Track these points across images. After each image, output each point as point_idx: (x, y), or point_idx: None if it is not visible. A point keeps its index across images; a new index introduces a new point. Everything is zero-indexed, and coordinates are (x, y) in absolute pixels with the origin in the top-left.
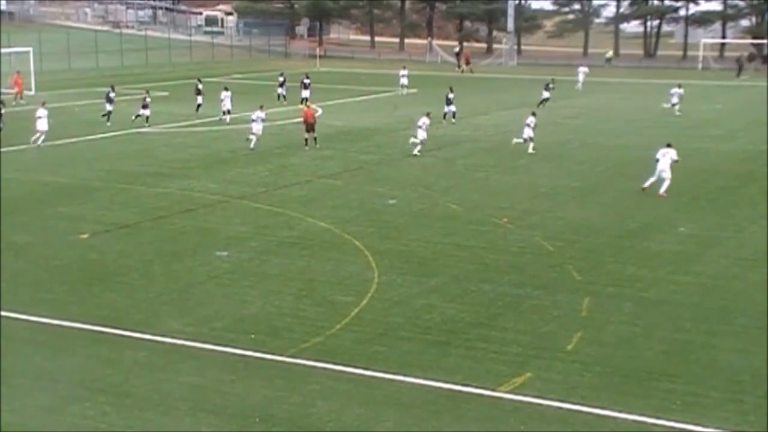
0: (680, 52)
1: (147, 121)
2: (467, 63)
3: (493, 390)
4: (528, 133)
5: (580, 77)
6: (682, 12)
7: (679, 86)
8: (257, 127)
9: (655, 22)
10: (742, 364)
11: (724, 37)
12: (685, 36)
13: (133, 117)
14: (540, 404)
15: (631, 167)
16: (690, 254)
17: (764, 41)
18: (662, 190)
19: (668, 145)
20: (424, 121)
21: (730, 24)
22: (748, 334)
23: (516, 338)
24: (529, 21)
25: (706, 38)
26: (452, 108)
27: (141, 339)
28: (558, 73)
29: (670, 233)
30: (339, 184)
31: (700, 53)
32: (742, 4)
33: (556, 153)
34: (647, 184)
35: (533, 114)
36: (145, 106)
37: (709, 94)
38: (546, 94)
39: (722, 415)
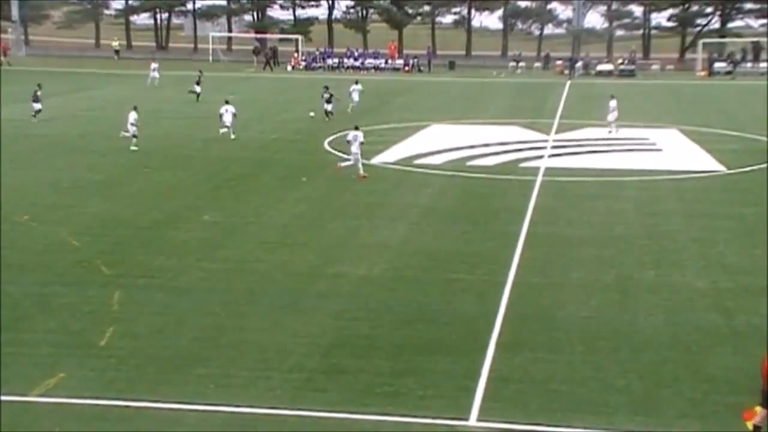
0: (191, 45)
1: None
2: (5, 54)
3: (25, 395)
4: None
5: (155, 74)
6: (190, 6)
7: (356, 82)
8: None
9: (165, 15)
10: (269, 341)
11: (230, 30)
12: (195, 29)
13: None
14: (75, 403)
15: (154, 158)
16: (215, 241)
17: (267, 36)
18: (360, 171)
19: (356, 128)
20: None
21: (234, 18)
22: (273, 312)
23: (46, 339)
24: (35, 10)
25: (214, 32)
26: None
27: None
28: (69, 65)
29: (195, 221)
30: None
31: (210, 46)
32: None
33: (76, 146)
34: (344, 164)
35: (135, 108)
36: None
37: (224, 85)
38: (197, 89)
39: (252, 393)
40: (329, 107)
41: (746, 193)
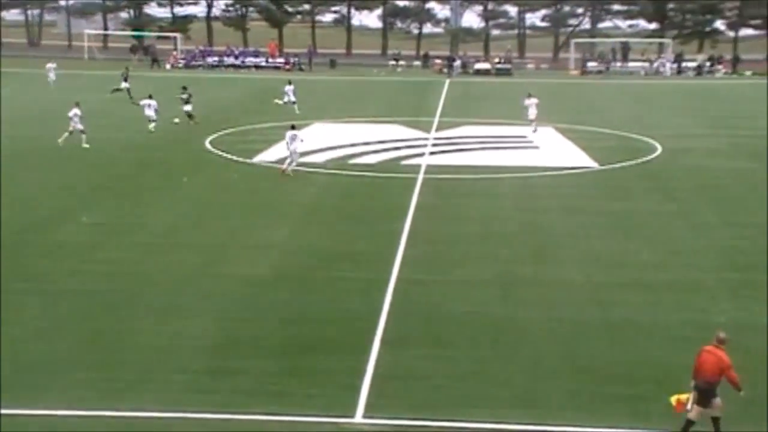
0: (65, 42)
1: None
2: None
3: None
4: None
5: (51, 75)
6: (63, 2)
7: (290, 82)
8: None
9: (37, 11)
10: (151, 344)
11: (105, 28)
12: (68, 26)
13: None
14: None
15: (30, 159)
16: (94, 243)
17: (174, 34)
18: (289, 168)
19: (292, 127)
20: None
21: (110, 16)
22: (154, 314)
23: None
24: None
25: (89, 29)
26: None
27: None
28: None
29: (73, 224)
30: None
31: (85, 43)
32: None
33: None
34: (287, 168)
35: (77, 104)
36: None
37: (102, 84)
38: (125, 85)
39: (135, 396)
40: (188, 108)
41: (618, 189)
